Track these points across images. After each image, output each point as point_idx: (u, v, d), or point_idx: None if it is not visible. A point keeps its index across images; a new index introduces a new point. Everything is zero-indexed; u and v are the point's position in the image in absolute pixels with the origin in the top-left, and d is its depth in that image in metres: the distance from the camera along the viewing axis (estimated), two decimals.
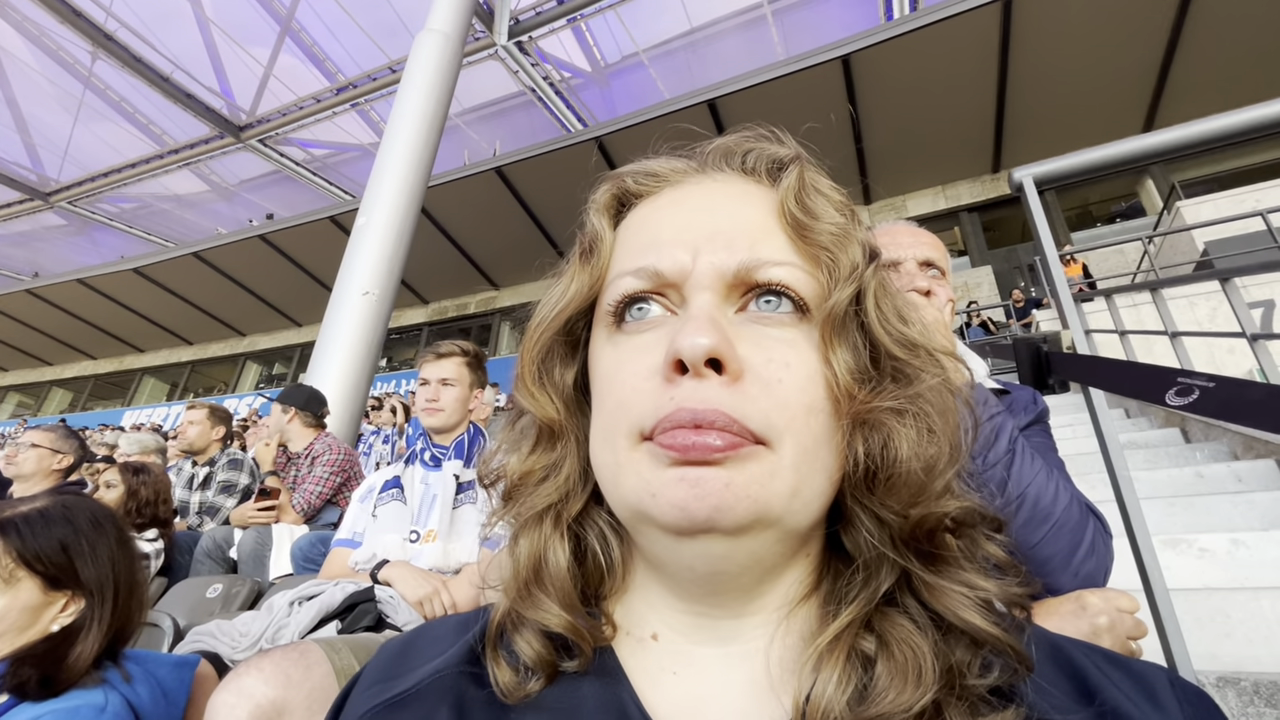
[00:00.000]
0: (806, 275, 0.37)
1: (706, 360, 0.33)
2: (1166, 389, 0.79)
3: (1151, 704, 0.32)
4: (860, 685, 0.31)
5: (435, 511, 1.78)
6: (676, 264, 0.37)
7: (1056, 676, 0.34)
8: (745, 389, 0.33)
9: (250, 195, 16.46)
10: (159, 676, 1.01)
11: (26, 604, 0.93)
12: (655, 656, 0.37)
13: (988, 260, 12.02)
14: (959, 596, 0.33)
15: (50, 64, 12.94)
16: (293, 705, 1.03)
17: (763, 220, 0.38)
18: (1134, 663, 0.35)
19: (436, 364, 1.96)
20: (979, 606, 0.33)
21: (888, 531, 0.35)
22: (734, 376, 0.33)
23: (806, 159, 0.42)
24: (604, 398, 0.38)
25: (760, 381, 0.34)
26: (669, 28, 11.72)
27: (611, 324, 0.38)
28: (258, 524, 2.59)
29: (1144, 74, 9.84)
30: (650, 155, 0.45)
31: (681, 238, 0.38)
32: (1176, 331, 3.60)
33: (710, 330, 0.33)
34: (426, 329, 17.70)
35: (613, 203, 0.44)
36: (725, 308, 0.36)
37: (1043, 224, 1.54)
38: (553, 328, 0.41)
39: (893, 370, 0.38)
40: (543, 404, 0.41)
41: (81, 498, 1.09)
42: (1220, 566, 2.15)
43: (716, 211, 0.39)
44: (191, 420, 3.28)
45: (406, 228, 4.68)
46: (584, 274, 0.41)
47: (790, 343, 0.35)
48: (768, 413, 0.33)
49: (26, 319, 20.00)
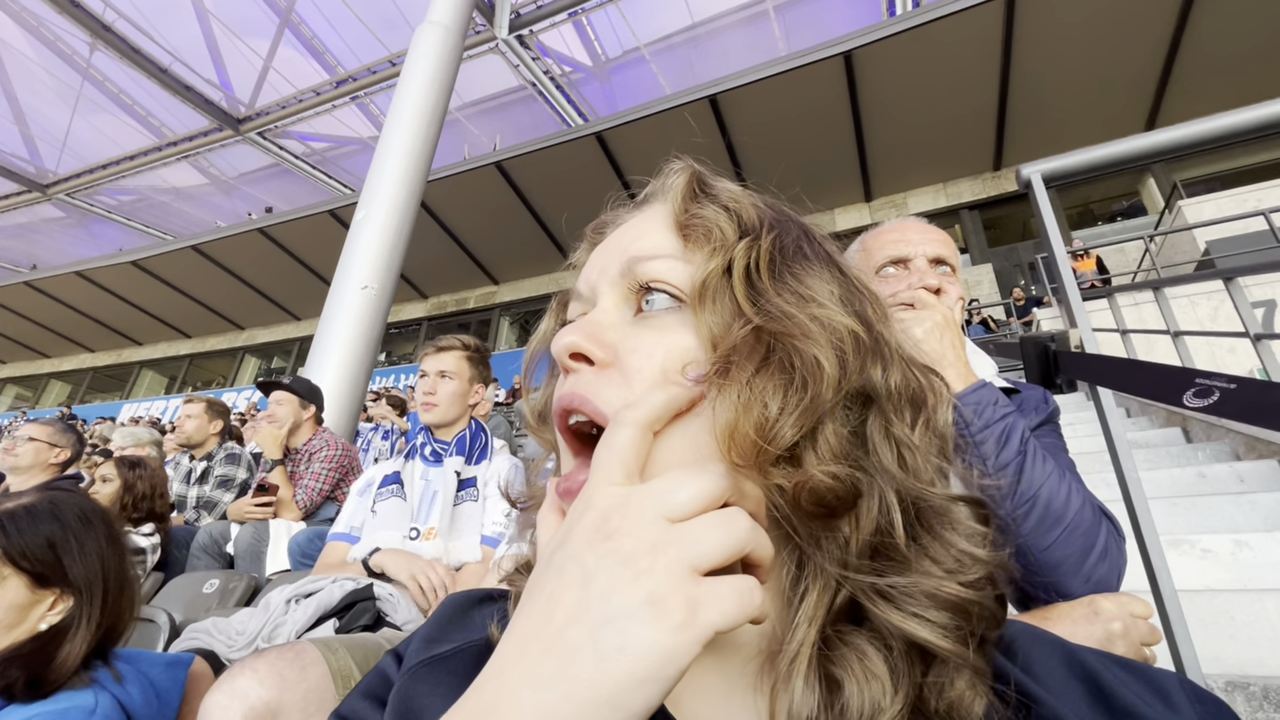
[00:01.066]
0: (685, 266, 0.39)
1: (574, 355, 0.38)
2: (1184, 390, 0.77)
3: (1167, 707, 0.32)
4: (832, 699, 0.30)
5: (436, 508, 1.76)
6: (587, 282, 0.43)
7: (1070, 681, 0.33)
8: (610, 375, 0.37)
9: (249, 188, 16.41)
10: (151, 676, 0.99)
11: (13, 602, 0.91)
12: None
13: (988, 258, 12.01)
14: (900, 606, 0.30)
15: (48, 55, 12.87)
16: (287, 707, 1.01)
17: (653, 226, 0.42)
18: (1147, 668, 0.35)
19: (435, 357, 1.93)
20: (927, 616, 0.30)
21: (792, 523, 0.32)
22: (602, 365, 0.37)
23: (698, 169, 0.44)
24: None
25: (624, 371, 0.37)
26: (670, 22, 11.67)
27: None
28: (255, 519, 2.57)
29: (1147, 71, 9.82)
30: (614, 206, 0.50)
31: (594, 261, 0.44)
32: (1179, 331, 3.59)
33: (575, 330, 0.38)
34: (426, 324, 17.67)
35: (584, 257, 0.49)
36: (625, 311, 0.40)
37: (1051, 221, 1.52)
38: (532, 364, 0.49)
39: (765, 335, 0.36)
40: (545, 436, 0.47)
41: (71, 493, 1.06)
42: (1223, 568, 2.14)
43: (623, 234, 0.44)
44: (189, 414, 3.25)
45: (406, 222, 4.65)
46: (551, 317, 0.49)
47: (663, 330, 0.38)
48: (625, 396, 0.36)
49: (24, 311, 19.95)
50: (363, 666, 1.09)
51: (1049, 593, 0.85)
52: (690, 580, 0.26)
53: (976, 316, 10.14)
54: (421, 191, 4.90)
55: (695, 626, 0.25)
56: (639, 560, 0.26)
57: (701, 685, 0.35)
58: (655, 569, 0.26)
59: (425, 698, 0.37)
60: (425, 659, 0.40)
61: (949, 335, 0.94)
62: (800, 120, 10.81)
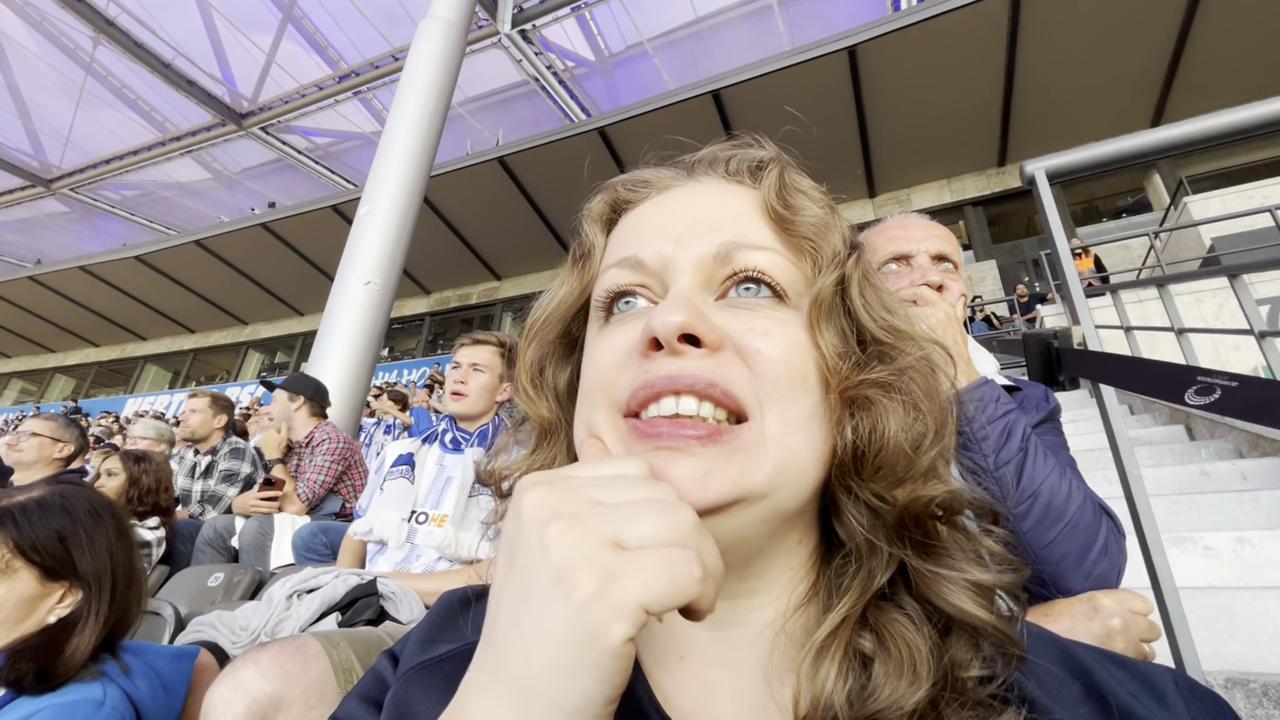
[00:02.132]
0: (788, 263, 0.38)
1: (681, 336, 0.33)
2: (1186, 388, 0.77)
3: (1159, 704, 0.32)
4: (859, 681, 0.31)
5: (450, 495, 1.77)
6: (657, 254, 0.39)
7: (1065, 677, 0.33)
8: (726, 357, 0.34)
9: (252, 183, 16.41)
10: (158, 669, 1.00)
11: (23, 595, 0.92)
12: (662, 638, 0.37)
13: (992, 254, 11.97)
14: (951, 584, 0.33)
15: (52, 49, 12.87)
16: (290, 700, 1.02)
17: (743, 211, 0.40)
18: (1140, 664, 0.35)
19: (471, 349, 1.97)
20: (971, 594, 0.32)
21: (879, 519, 0.35)
22: (713, 347, 0.34)
23: (786, 160, 0.43)
24: (586, 380, 0.39)
25: (741, 351, 0.35)
26: (674, 17, 11.62)
27: (601, 319, 0.40)
28: (260, 513, 2.59)
29: (1153, 67, 9.75)
30: (642, 165, 0.47)
31: (664, 230, 0.40)
32: (1183, 328, 3.58)
33: (682, 306, 0.34)
34: (428, 319, 17.69)
35: (606, 211, 0.46)
36: (704, 294, 0.38)
37: (1055, 218, 1.52)
38: (546, 329, 0.44)
39: (879, 354, 0.38)
40: (538, 404, 0.43)
41: (80, 487, 1.07)
42: (1225, 565, 2.14)
43: (699, 206, 0.41)
44: (194, 408, 3.27)
45: (409, 217, 4.65)
46: (574, 278, 0.44)
47: (770, 317, 0.37)
48: (750, 381, 0.34)
49: (29, 306, 20.02)
50: (364, 660, 1.10)
51: (1049, 589, 0.85)
52: (605, 548, 0.23)
53: (980, 313, 10.10)
54: (424, 187, 4.90)
55: (608, 600, 0.22)
56: (560, 533, 0.24)
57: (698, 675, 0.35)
58: (567, 537, 0.23)
59: (419, 703, 0.37)
60: (420, 663, 0.39)
61: (951, 332, 0.95)
62: (804, 115, 10.76)
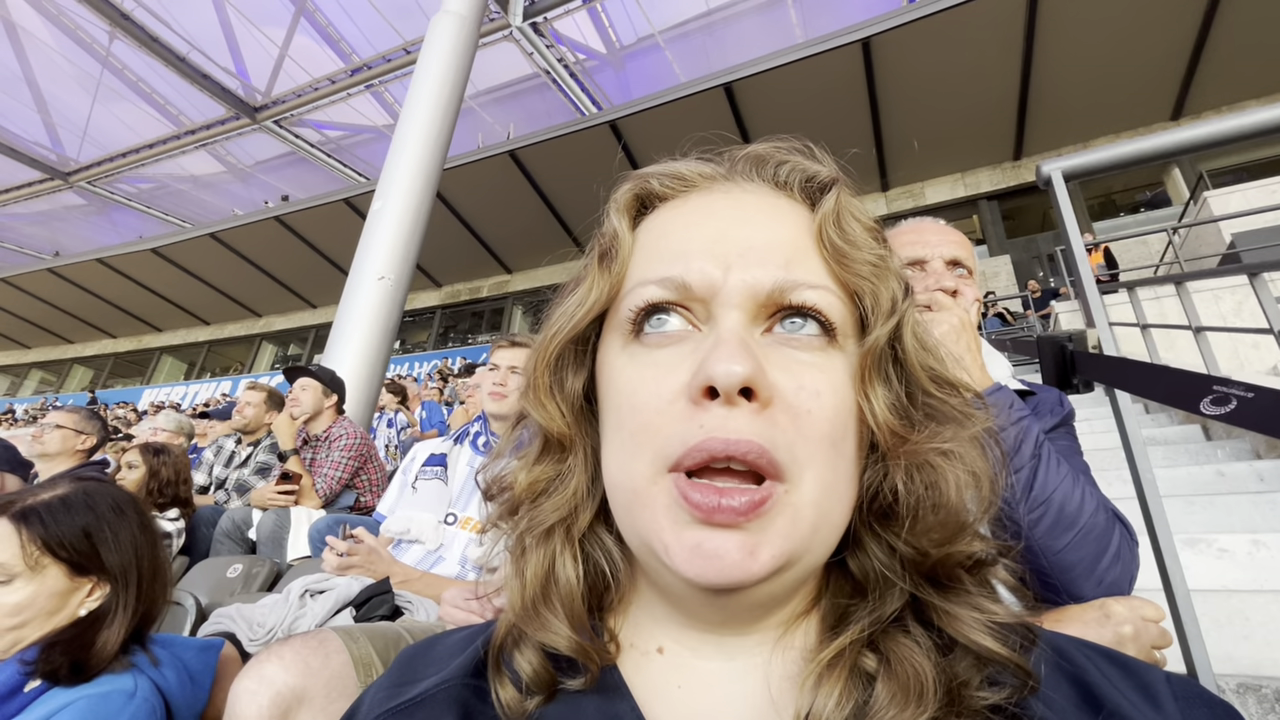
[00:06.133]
0: (839, 302, 0.36)
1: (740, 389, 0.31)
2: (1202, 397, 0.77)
3: (1150, 704, 0.32)
4: (860, 703, 0.31)
5: (477, 498, 1.78)
6: (706, 278, 0.35)
7: (1059, 682, 0.33)
8: (775, 417, 0.32)
9: (265, 176, 16.55)
10: (185, 660, 1.03)
11: (53, 590, 0.95)
12: (661, 670, 0.37)
13: (1006, 249, 11.84)
14: (969, 621, 0.33)
15: (69, 44, 13.02)
16: (312, 692, 1.04)
17: (796, 239, 0.37)
18: (1134, 662, 0.35)
19: (510, 350, 1.98)
20: (988, 629, 0.32)
21: (898, 559, 0.34)
22: (764, 404, 0.32)
23: (846, 182, 0.40)
24: (622, 417, 0.36)
25: (790, 411, 0.33)
26: (686, 9, 11.55)
27: (629, 333, 0.37)
28: (277, 506, 2.63)
29: (1174, 58, 9.57)
30: (676, 157, 0.43)
31: (712, 250, 0.36)
32: (1201, 326, 3.54)
33: (745, 356, 0.32)
34: (439, 312, 17.79)
35: (634, 203, 0.42)
36: (753, 329, 0.35)
37: (1071, 219, 1.50)
38: (569, 335, 0.40)
39: (926, 407, 0.37)
40: (553, 415, 0.40)
41: (102, 483, 1.10)
42: (1240, 567, 2.12)
43: (750, 225, 0.37)
44: (249, 401, 3.31)
45: (422, 213, 4.67)
46: (603, 280, 0.39)
47: (821, 368, 0.34)
48: (794, 444, 0.32)
49: (48, 297, 20.34)
50: (383, 655, 1.12)
51: (1060, 595, 0.86)
52: None
53: (993, 309, 10.00)
54: (437, 183, 4.92)
55: None
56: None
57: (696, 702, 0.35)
58: None
59: None
60: (391, 708, 0.37)
61: (965, 338, 0.95)
62: (816, 108, 10.68)
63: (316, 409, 2.97)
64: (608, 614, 0.40)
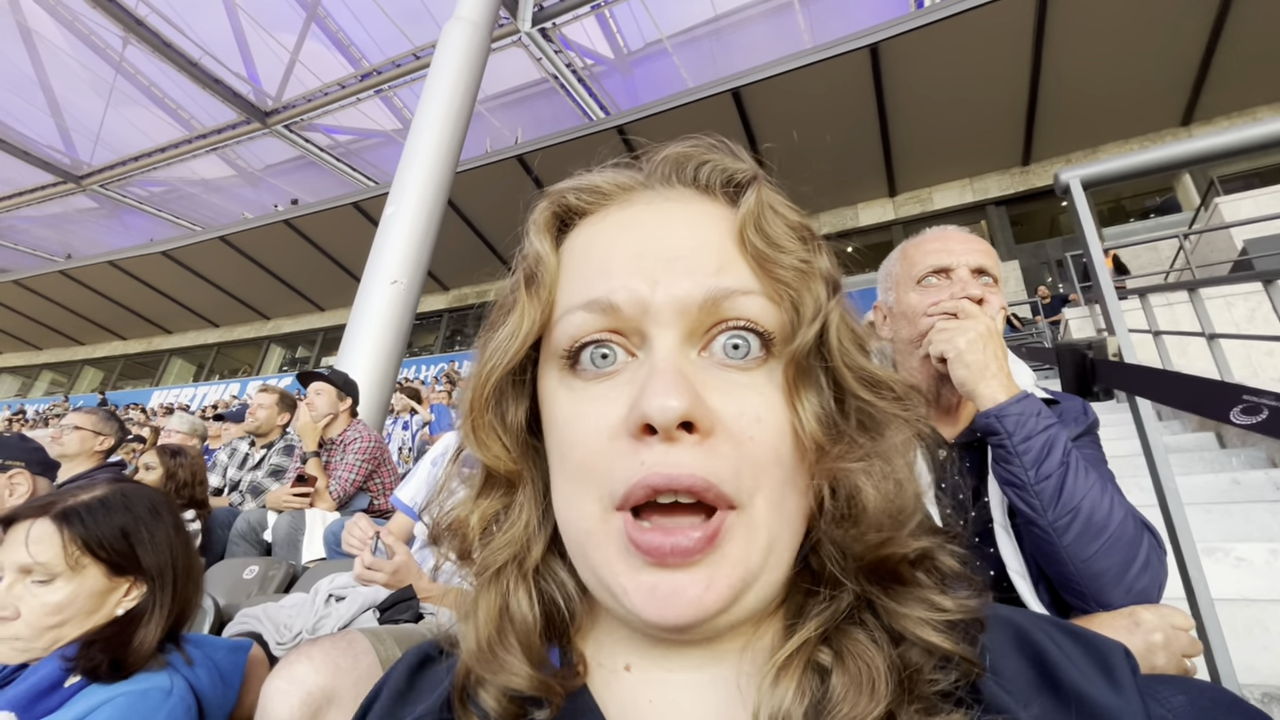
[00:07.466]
0: (772, 306, 0.35)
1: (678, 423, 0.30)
2: (1232, 406, 0.77)
3: (1106, 679, 0.32)
4: (816, 698, 0.31)
5: None
6: (634, 295, 0.34)
7: (1019, 664, 0.33)
8: (717, 447, 0.32)
9: (275, 180, 16.67)
10: (216, 660, 1.05)
11: (93, 589, 0.97)
12: (631, 687, 0.36)
13: (1015, 255, 11.80)
14: (917, 618, 0.33)
15: (83, 49, 13.16)
16: (341, 693, 1.06)
17: (723, 243, 0.35)
18: (1091, 635, 0.35)
19: None
20: (935, 626, 0.33)
21: (851, 561, 0.34)
22: (705, 434, 0.31)
23: (765, 178, 0.38)
24: (565, 454, 0.35)
25: (733, 439, 0.32)
26: (694, 14, 11.59)
27: (565, 366, 0.35)
28: (292, 508, 2.65)
29: (1184, 64, 9.54)
30: (590, 169, 0.42)
31: (637, 265, 0.34)
32: (1214, 333, 3.51)
33: (680, 389, 0.31)
34: (447, 315, 17.85)
35: (553, 221, 0.40)
36: (688, 349, 0.34)
37: (1090, 227, 1.51)
38: (506, 369, 0.37)
39: (858, 412, 0.36)
40: (499, 455, 0.38)
41: (138, 486, 1.12)
42: (1259, 576, 2.11)
43: (674, 233, 0.36)
44: (261, 403, 3.33)
45: (434, 218, 4.71)
46: (533, 307, 0.37)
47: (759, 389, 0.34)
48: (739, 472, 0.32)
49: (60, 299, 20.53)
50: None
51: (1089, 602, 0.86)
52: None
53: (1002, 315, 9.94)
54: (449, 189, 4.96)
55: None
56: None
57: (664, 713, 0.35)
58: None
59: None
60: None
61: (992, 346, 0.96)
62: (824, 114, 10.69)
63: (331, 413, 2.99)
64: (573, 636, 0.39)
